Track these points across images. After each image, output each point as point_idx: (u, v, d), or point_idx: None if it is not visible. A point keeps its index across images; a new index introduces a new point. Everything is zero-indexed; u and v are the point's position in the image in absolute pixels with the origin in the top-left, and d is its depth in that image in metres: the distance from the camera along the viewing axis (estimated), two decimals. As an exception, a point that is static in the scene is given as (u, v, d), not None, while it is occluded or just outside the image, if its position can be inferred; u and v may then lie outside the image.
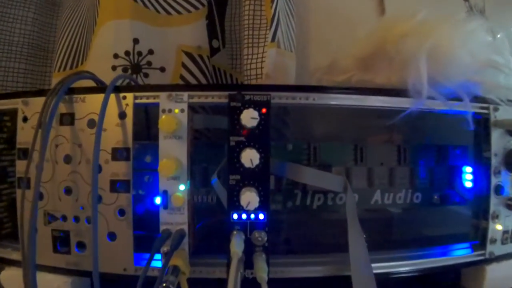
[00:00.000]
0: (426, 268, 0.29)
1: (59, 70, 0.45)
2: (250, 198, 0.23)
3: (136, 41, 0.41)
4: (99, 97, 0.25)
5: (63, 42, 0.46)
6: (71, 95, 0.27)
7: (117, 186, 0.26)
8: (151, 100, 0.26)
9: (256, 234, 0.24)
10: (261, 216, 0.24)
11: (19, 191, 0.27)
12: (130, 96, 0.26)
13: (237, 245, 0.22)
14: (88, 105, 0.26)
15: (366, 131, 0.35)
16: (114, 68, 0.40)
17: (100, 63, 0.40)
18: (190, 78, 0.42)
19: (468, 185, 0.34)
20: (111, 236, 0.26)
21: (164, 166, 0.24)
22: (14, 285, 0.26)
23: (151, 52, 0.41)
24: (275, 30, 0.39)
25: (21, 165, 0.27)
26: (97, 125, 0.25)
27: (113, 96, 0.26)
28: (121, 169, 0.26)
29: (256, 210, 0.24)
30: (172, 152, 0.25)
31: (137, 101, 0.26)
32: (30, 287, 0.23)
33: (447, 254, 0.31)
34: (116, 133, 0.26)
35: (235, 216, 0.25)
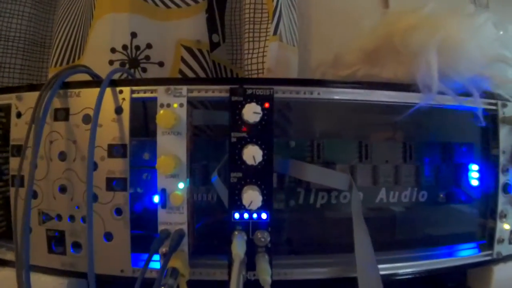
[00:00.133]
0: (432, 269, 0.28)
1: (56, 65, 0.44)
2: (253, 197, 0.22)
3: (134, 35, 0.40)
4: (95, 92, 0.25)
5: (60, 37, 0.45)
6: (66, 90, 0.26)
7: (114, 184, 0.25)
8: (149, 95, 0.25)
9: (259, 235, 0.23)
10: (264, 216, 0.24)
11: (13, 189, 0.26)
12: (127, 90, 0.25)
13: (239, 247, 0.21)
14: (83, 100, 0.26)
15: (371, 128, 0.34)
16: (112, 63, 0.39)
17: (97, 58, 0.39)
18: (190, 73, 0.41)
19: (475, 183, 0.33)
20: (108, 236, 0.25)
21: (162, 163, 0.23)
22: (9, 287, 0.26)
23: (150, 46, 0.40)
24: (277, 23, 0.38)
25: (15, 162, 0.26)
26: (92, 121, 0.24)
27: (109, 91, 0.25)
28: (118, 167, 0.25)
29: (259, 210, 0.23)
30: (171, 149, 0.24)
31: (134, 96, 0.25)
32: (24, 289, 0.22)
33: (454, 255, 0.30)
34: (112, 129, 0.25)
35: (237, 216, 0.24)
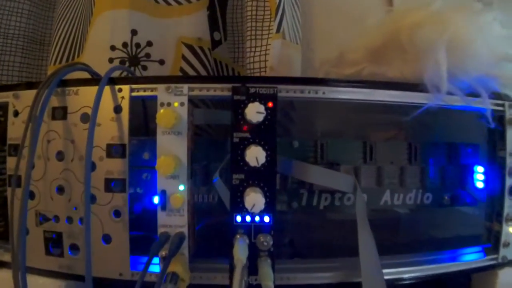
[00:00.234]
0: (437, 274, 0.28)
1: (55, 63, 0.44)
2: (255, 200, 0.21)
3: (134, 32, 0.39)
4: (93, 90, 0.24)
5: (59, 34, 0.44)
6: (64, 88, 0.25)
7: (112, 185, 0.24)
8: (149, 93, 0.24)
9: (261, 238, 0.22)
10: (267, 219, 0.23)
11: (10, 190, 0.25)
12: (126, 89, 0.24)
13: (241, 251, 0.21)
14: (82, 98, 0.25)
15: (376, 128, 0.33)
16: (111, 61, 0.38)
17: (97, 55, 0.39)
18: (191, 71, 0.40)
19: (480, 186, 0.33)
20: (106, 239, 0.25)
21: (162, 164, 0.22)
22: (6, 288, 0.25)
23: (150, 44, 0.39)
24: (280, 21, 0.37)
25: (12, 162, 0.26)
26: (91, 120, 0.23)
27: (108, 89, 0.24)
28: (117, 167, 0.24)
29: (261, 213, 0.22)
30: (171, 149, 0.23)
31: (134, 94, 0.24)
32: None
33: (459, 259, 0.29)
34: (111, 128, 0.24)
35: (239, 219, 0.23)
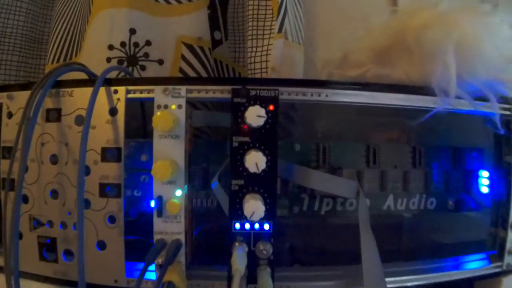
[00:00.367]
0: (441, 282, 0.27)
1: (53, 63, 0.43)
2: (255, 207, 0.20)
3: (133, 31, 0.38)
4: (88, 91, 0.23)
5: (57, 33, 0.43)
6: (58, 89, 0.25)
7: (107, 190, 0.23)
8: (145, 95, 0.23)
9: (261, 246, 0.22)
10: (267, 227, 0.22)
11: (3, 193, 0.25)
12: (122, 90, 0.24)
13: (239, 261, 0.20)
14: (76, 100, 0.24)
15: (380, 131, 0.32)
16: (109, 60, 0.37)
17: (95, 55, 0.38)
18: (190, 71, 0.39)
19: (485, 191, 0.32)
20: (101, 245, 0.24)
21: (159, 169, 0.21)
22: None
23: (149, 43, 0.39)
24: (282, 20, 0.36)
25: (5, 165, 0.25)
26: (85, 122, 0.22)
27: (104, 90, 0.24)
28: (112, 171, 0.23)
29: (261, 220, 0.22)
30: (168, 153, 0.22)
31: (130, 96, 0.24)
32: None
33: (463, 266, 0.29)
34: (106, 131, 0.23)
35: (237, 226, 0.22)
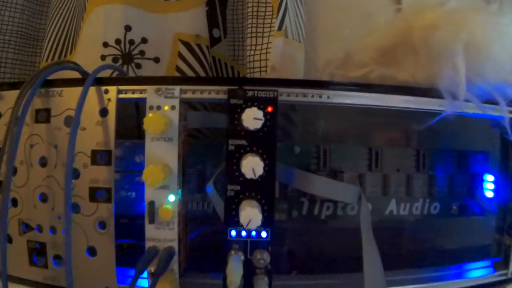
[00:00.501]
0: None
1: (47, 60, 0.42)
2: (252, 215, 0.19)
3: (128, 28, 0.37)
4: (78, 91, 0.22)
5: (52, 30, 0.42)
6: (48, 88, 0.23)
7: (97, 195, 0.22)
8: (137, 95, 0.22)
9: (258, 255, 0.21)
10: (264, 234, 0.21)
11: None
12: (113, 90, 0.22)
13: (235, 271, 0.19)
14: (66, 100, 0.23)
15: (383, 134, 0.31)
16: (104, 58, 0.36)
17: (89, 52, 0.37)
18: (187, 70, 0.38)
19: (489, 195, 0.31)
20: (91, 251, 0.23)
21: (150, 174, 0.20)
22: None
23: (145, 41, 0.38)
24: (283, 18, 0.35)
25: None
26: (73, 123, 0.21)
27: (94, 90, 0.23)
28: (102, 175, 0.22)
29: (258, 228, 0.20)
30: (160, 157, 0.21)
31: (121, 96, 0.23)
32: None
33: (467, 275, 0.28)
34: (96, 133, 0.22)
35: (233, 233, 0.21)
